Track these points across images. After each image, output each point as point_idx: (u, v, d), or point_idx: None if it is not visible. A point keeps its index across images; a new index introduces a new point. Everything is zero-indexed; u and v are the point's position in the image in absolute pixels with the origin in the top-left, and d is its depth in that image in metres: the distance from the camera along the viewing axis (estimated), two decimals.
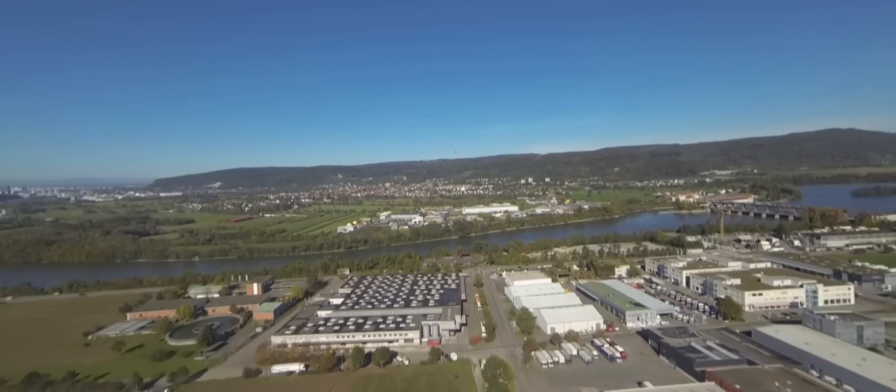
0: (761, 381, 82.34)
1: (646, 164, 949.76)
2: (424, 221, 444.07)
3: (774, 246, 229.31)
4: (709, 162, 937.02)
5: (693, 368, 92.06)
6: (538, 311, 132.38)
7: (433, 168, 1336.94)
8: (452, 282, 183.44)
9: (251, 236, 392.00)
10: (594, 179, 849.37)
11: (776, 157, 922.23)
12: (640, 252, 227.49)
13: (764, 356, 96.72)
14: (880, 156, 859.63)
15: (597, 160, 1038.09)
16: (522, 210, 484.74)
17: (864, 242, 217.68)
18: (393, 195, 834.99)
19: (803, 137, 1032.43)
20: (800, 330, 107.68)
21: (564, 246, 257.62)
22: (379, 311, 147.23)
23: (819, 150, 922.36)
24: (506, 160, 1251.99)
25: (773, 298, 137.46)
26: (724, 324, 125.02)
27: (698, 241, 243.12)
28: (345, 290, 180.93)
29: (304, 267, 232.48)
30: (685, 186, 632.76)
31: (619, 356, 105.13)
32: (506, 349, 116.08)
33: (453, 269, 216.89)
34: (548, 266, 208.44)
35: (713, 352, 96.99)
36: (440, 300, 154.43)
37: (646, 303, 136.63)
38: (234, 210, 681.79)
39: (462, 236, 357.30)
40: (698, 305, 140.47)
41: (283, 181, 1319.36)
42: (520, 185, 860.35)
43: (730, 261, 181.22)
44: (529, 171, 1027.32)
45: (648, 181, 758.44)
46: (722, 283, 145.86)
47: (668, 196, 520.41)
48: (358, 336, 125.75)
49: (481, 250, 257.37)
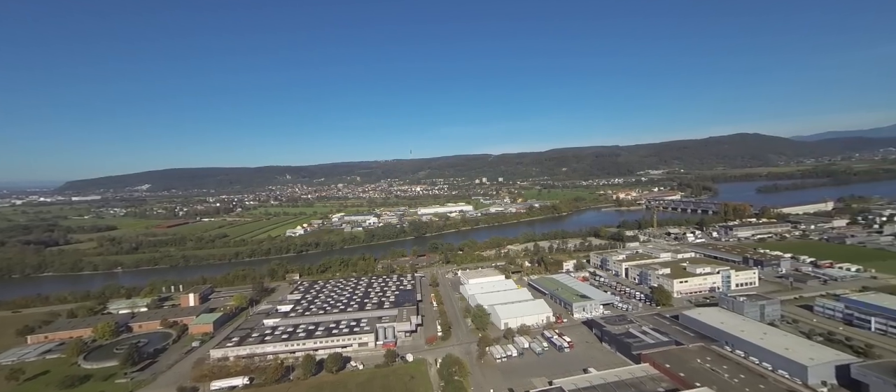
0: (686, 359, 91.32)
1: (590, 164, 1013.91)
2: (379, 222, 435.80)
3: (697, 237, 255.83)
4: (644, 162, 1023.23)
5: (631, 352, 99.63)
6: (492, 308, 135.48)
7: (388, 168, 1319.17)
8: (408, 282, 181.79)
9: (187, 243, 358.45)
10: (544, 179, 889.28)
11: (698, 157, 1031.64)
12: (586, 247, 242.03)
13: (689, 336, 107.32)
14: (777, 157, 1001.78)
15: (546, 160, 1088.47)
16: (477, 209, 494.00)
17: (766, 232, 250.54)
18: (346, 196, 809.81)
19: (719, 141, 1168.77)
20: (717, 311, 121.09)
21: (517, 243, 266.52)
22: (331, 316, 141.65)
23: (731, 152, 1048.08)
24: (461, 160, 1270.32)
25: (696, 284, 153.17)
26: (656, 309, 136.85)
27: (635, 236, 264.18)
28: (294, 296, 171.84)
29: (248, 274, 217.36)
30: (624, 185, 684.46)
31: (567, 346, 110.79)
32: (461, 347, 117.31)
33: (409, 269, 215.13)
34: (501, 263, 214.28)
35: (647, 336, 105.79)
36: (396, 302, 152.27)
37: (590, 294, 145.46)
38: (165, 214, 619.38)
39: (418, 237, 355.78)
40: (635, 294, 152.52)
41: (224, 183, 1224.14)
42: (474, 185, 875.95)
43: (661, 252, 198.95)
44: (483, 171, 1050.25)
45: (593, 180, 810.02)
46: (655, 273, 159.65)
47: (610, 194, 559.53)
48: (309, 343, 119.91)
49: (437, 250, 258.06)
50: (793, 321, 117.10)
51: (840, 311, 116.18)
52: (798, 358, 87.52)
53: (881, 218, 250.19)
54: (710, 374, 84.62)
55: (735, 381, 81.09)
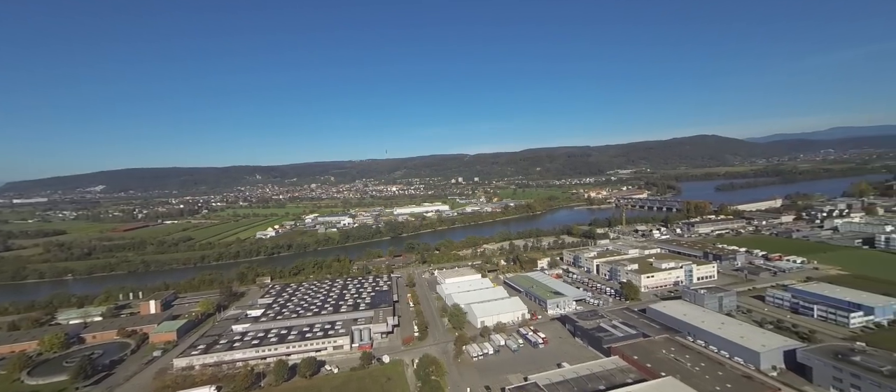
0: (652, 350, 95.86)
1: (563, 164, 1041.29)
2: (354, 223, 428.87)
3: (663, 234, 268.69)
4: (613, 162, 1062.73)
5: (602, 346, 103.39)
6: (469, 307, 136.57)
7: (363, 168, 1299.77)
8: (384, 283, 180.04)
9: (147, 247, 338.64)
10: (519, 179, 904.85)
11: (663, 158, 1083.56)
12: (559, 245, 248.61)
13: (655, 328, 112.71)
14: (733, 157, 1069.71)
15: (521, 160, 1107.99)
16: (453, 209, 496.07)
17: (723, 228, 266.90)
18: (320, 197, 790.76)
19: (682, 142, 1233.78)
20: (680, 304, 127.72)
21: (493, 242, 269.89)
22: (305, 319, 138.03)
23: (693, 153, 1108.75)
24: (437, 160, 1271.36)
25: (662, 279, 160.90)
26: (626, 304, 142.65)
27: (606, 233, 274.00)
28: (265, 300, 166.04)
29: (215, 278, 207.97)
30: (595, 184, 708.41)
31: (542, 342, 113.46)
32: (438, 346, 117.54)
33: (385, 270, 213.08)
34: (477, 262, 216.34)
35: (617, 329, 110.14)
36: (371, 303, 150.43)
37: (563, 291, 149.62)
38: (122, 217, 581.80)
39: (394, 237, 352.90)
40: (606, 290, 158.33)
41: (189, 183, 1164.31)
42: (450, 185, 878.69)
43: (630, 249, 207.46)
44: (459, 170, 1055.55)
45: (565, 180, 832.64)
46: (624, 269, 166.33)
47: (582, 193, 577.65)
48: (281, 348, 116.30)
49: (413, 250, 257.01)
50: (747, 311, 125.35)
51: (787, 301, 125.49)
52: (751, 345, 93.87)
53: (822, 214, 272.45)
54: (675, 363, 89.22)
55: (696, 369, 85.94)
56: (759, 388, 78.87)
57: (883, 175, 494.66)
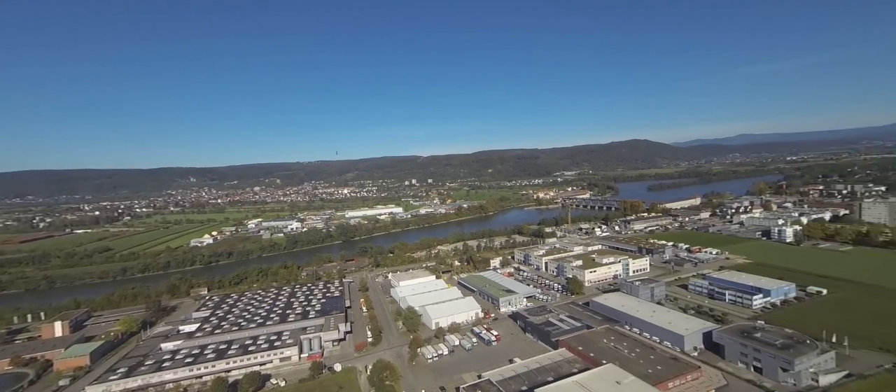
0: (595, 341, 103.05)
1: (513, 165, 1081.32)
2: (303, 227, 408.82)
3: (603, 231, 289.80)
4: (559, 164, 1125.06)
5: (550, 340, 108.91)
6: (423, 309, 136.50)
7: (312, 170, 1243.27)
8: (336, 289, 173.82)
9: (51, 260, 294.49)
10: (472, 180, 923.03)
11: (603, 160, 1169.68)
12: (511, 244, 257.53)
13: (597, 320, 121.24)
14: (662, 160, 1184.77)
15: (473, 162, 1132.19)
16: (407, 211, 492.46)
17: (654, 225, 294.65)
18: (264, 200, 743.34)
19: (619, 146, 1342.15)
20: (619, 296, 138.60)
21: (447, 243, 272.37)
22: (248, 331, 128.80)
23: (628, 156, 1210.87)
24: (390, 162, 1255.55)
25: (603, 273, 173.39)
26: (571, 298, 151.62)
27: (553, 232, 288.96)
28: (201, 313, 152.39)
29: (140, 292, 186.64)
30: (543, 185, 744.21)
31: (495, 339, 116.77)
32: (393, 350, 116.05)
33: (336, 275, 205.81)
34: (432, 264, 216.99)
35: (564, 323, 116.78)
36: (322, 310, 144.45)
37: (515, 289, 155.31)
38: (18, 227, 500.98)
39: (346, 241, 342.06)
40: (554, 286, 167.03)
41: (106, 187, 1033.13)
42: (404, 187, 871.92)
43: (575, 246, 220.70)
44: (413, 172, 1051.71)
45: (516, 181, 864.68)
46: (570, 265, 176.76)
47: (531, 194, 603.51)
48: (220, 365, 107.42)
49: (366, 254, 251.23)
50: (674, 299, 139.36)
51: (705, 288, 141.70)
52: (677, 329, 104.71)
53: (731, 210, 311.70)
54: (614, 351, 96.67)
55: (632, 355, 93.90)
56: (683, 367, 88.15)
57: (776, 176, 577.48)
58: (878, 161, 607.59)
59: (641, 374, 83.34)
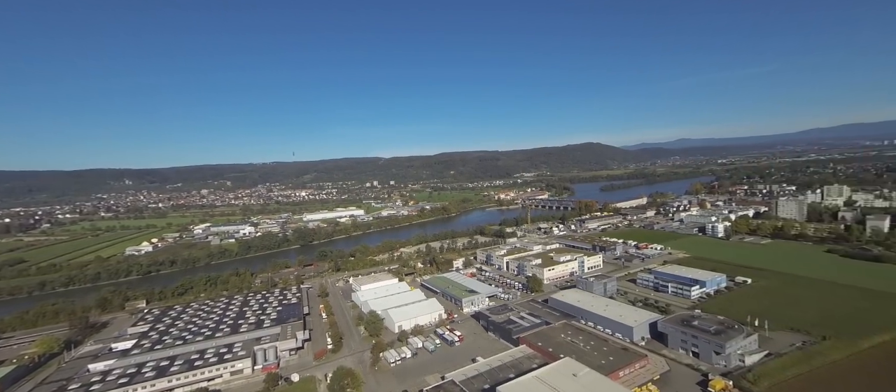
0: (553, 336, 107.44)
1: (475, 167, 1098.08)
2: (257, 232, 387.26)
3: (561, 230, 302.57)
4: (519, 166, 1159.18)
5: (511, 337, 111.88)
6: (386, 312, 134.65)
7: (267, 172, 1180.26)
8: (293, 296, 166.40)
9: None
10: (434, 181, 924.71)
11: (560, 162, 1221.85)
12: (473, 245, 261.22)
13: (555, 316, 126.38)
14: (612, 162, 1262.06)
15: (436, 163, 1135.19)
16: (368, 213, 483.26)
17: (607, 223, 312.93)
18: (213, 204, 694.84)
19: (574, 148, 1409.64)
20: (575, 292, 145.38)
21: (409, 245, 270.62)
22: (194, 345, 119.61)
23: (583, 158, 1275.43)
24: (350, 163, 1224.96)
25: (561, 271, 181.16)
26: (531, 296, 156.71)
27: (514, 232, 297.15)
28: (138, 328, 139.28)
29: (63, 308, 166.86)
30: (504, 186, 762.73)
31: (458, 340, 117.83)
32: (354, 356, 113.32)
33: (294, 281, 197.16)
34: (394, 266, 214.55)
35: (524, 320, 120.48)
36: (278, 318, 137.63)
37: (477, 289, 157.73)
38: None
39: (304, 245, 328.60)
40: (515, 284, 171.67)
41: (19, 191, 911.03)
42: (365, 189, 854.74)
43: (535, 245, 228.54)
44: (375, 174, 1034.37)
45: (478, 182, 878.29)
46: (529, 264, 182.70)
47: (493, 195, 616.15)
48: (160, 384, 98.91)
49: (326, 258, 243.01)
50: (624, 293, 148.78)
51: (651, 282, 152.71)
52: (627, 321, 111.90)
53: (672, 209, 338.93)
54: (571, 345, 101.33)
55: (587, 348, 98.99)
56: (632, 356, 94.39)
57: (709, 177, 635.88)
58: (790, 164, 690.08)
59: (595, 365, 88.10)
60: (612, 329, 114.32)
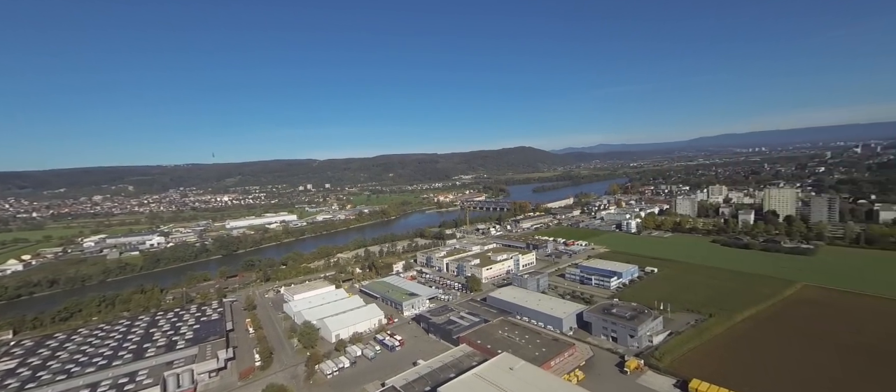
0: (491, 333, 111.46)
1: (414, 169, 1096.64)
2: (168, 242, 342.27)
3: (497, 231, 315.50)
4: (457, 168, 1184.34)
5: (451, 337, 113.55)
6: (322, 321, 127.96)
7: (180, 175, 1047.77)
8: (214, 311, 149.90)
9: None
10: (372, 184, 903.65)
11: (495, 164, 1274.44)
12: (413, 247, 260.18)
13: (493, 313, 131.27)
14: (543, 165, 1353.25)
15: (374, 166, 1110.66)
16: (302, 218, 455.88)
17: (539, 223, 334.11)
18: (110, 212, 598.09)
19: (509, 151, 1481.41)
20: (511, 289, 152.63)
21: (347, 251, 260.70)
22: (83, 378, 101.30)
23: (517, 161, 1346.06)
24: (281, 165, 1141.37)
25: (498, 270, 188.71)
26: (471, 295, 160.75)
27: (453, 233, 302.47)
28: (5, 365, 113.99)
29: None
30: (443, 189, 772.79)
31: (398, 344, 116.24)
32: (286, 372, 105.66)
33: (215, 295, 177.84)
34: (331, 273, 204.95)
35: (464, 320, 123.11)
36: (195, 338, 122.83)
37: (418, 291, 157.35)
38: None
39: (227, 255, 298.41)
40: (455, 285, 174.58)
41: None
42: (298, 193, 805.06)
43: (473, 246, 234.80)
44: (308, 177, 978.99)
45: (417, 185, 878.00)
46: (468, 264, 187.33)
47: (432, 197, 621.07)
48: None
49: (253, 267, 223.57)
50: (555, 287, 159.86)
51: (578, 275, 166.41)
52: (557, 313, 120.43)
53: (594, 208, 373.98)
54: (508, 340, 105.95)
55: (522, 342, 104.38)
56: (562, 346, 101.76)
57: (624, 179, 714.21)
58: (684, 167, 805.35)
59: (530, 357, 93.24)
60: (544, 322, 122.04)
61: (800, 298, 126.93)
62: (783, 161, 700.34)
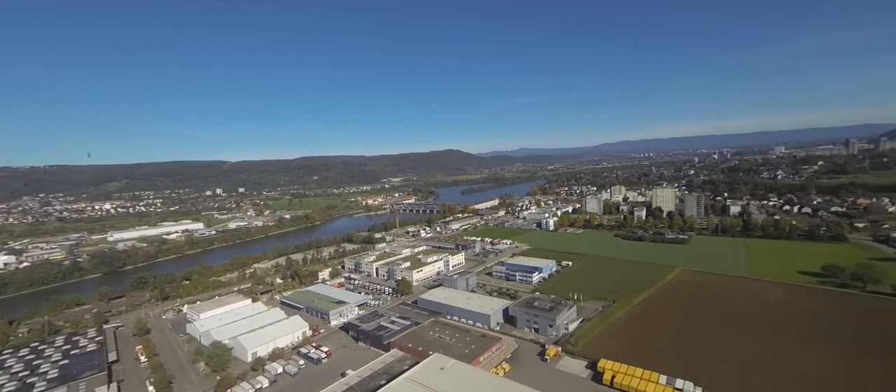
0: (422, 335, 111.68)
1: (340, 172, 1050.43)
2: (20, 262, 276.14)
3: (427, 233, 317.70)
4: (386, 171, 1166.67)
5: (382, 344, 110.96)
6: (235, 340, 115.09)
7: (39, 178, 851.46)
8: (90, 341, 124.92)
9: None
10: (294, 188, 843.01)
11: (425, 167, 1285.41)
12: (341, 253, 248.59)
13: (424, 315, 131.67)
14: (471, 167, 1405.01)
15: (296, 169, 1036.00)
16: (210, 226, 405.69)
17: (468, 224, 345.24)
18: None
19: (437, 154, 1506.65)
20: (442, 290, 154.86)
21: (266, 260, 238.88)
22: None
23: (445, 164, 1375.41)
24: (183, 168, 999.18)
25: (428, 271, 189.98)
26: (402, 299, 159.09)
27: (383, 237, 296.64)
28: None
29: None
30: (371, 192, 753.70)
31: (325, 356, 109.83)
32: None
33: (92, 322, 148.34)
34: (247, 285, 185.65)
35: (395, 324, 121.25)
36: (62, 377, 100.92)
37: (346, 299, 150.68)
38: None
39: (109, 272, 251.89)
40: (385, 289, 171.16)
41: None
42: (206, 198, 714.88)
43: (404, 249, 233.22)
44: (217, 180, 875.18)
45: (343, 188, 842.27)
46: (399, 268, 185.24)
47: (360, 200, 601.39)
48: None
49: (146, 285, 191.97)
50: (483, 285, 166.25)
51: (503, 273, 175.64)
52: (485, 310, 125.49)
53: (517, 208, 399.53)
54: (439, 341, 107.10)
55: (453, 341, 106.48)
56: (490, 341, 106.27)
57: (542, 181, 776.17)
58: (592, 170, 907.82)
59: (460, 355, 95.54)
60: (473, 320, 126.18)
61: (679, 281, 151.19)
62: (665, 165, 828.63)
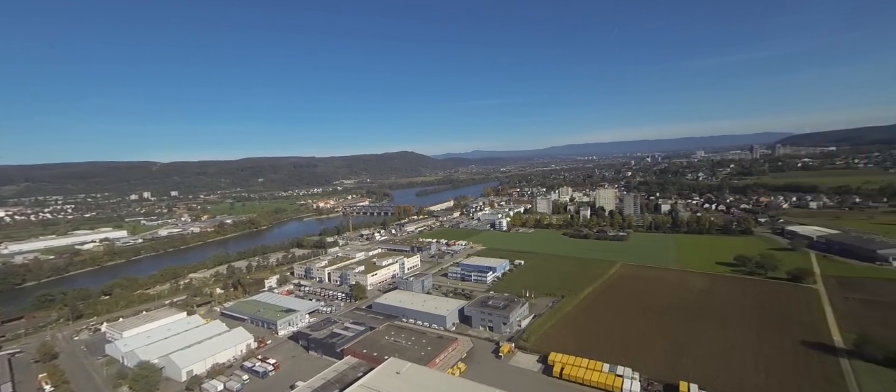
0: (377, 340, 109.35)
1: (289, 174, 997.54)
2: None
3: (382, 235, 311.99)
4: (338, 173, 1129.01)
5: (335, 351, 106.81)
6: (166, 358, 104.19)
7: None
8: None
9: None
10: (237, 191, 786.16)
11: (379, 169, 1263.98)
12: (290, 259, 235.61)
13: (379, 319, 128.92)
14: (426, 169, 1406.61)
15: (238, 170, 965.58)
16: (136, 234, 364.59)
17: (423, 225, 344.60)
18: None
19: (392, 156, 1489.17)
20: (397, 293, 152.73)
21: (204, 269, 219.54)
22: None
23: (400, 166, 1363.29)
24: (103, 169, 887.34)
25: (383, 275, 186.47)
26: (356, 304, 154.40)
27: (335, 241, 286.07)
28: None
29: None
30: (323, 194, 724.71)
31: (272, 369, 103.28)
32: None
33: None
34: (182, 298, 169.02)
35: (349, 330, 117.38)
36: None
37: (295, 307, 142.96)
38: None
39: (3, 290, 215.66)
40: (338, 295, 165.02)
41: None
42: (131, 203, 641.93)
43: (357, 253, 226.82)
44: (145, 183, 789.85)
45: (292, 191, 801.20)
46: (352, 272, 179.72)
47: (311, 203, 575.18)
48: None
49: (54, 303, 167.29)
50: (439, 286, 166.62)
51: (459, 273, 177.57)
52: (440, 312, 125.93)
53: (472, 209, 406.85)
54: (394, 345, 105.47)
55: (409, 344, 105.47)
56: (446, 342, 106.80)
57: (495, 182, 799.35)
58: (541, 172, 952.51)
59: (416, 358, 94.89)
60: (429, 321, 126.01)
61: (620, 275, 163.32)
62: (607, 167, 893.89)
